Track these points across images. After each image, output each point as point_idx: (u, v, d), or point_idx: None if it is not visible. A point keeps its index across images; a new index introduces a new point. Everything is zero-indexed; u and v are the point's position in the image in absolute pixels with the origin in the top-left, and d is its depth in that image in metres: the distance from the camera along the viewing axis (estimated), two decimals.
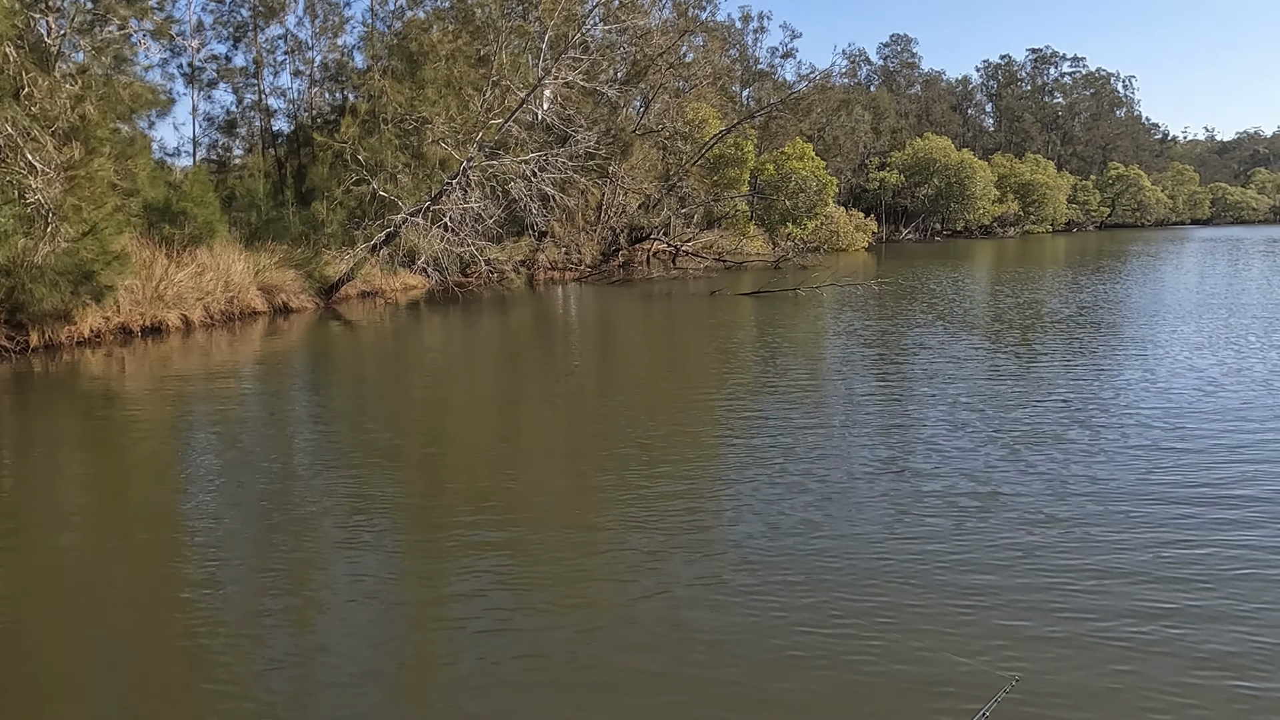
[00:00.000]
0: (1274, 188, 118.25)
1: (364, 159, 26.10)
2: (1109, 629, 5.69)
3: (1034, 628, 5.74)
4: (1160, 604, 6.01)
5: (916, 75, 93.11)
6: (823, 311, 24.37)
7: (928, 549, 7.01)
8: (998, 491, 8.35)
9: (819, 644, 5.61)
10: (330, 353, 19.38)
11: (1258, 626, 5.68)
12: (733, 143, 44.80)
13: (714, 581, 6.56)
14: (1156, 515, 7.66)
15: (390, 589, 6.70)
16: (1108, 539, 7.15)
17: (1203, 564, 6.64)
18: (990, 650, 5.47)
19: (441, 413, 13.25)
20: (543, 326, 24.26)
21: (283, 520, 8.14)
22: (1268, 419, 10.90)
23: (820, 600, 6.19)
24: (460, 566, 7.06)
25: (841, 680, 5.22)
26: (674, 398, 13.57)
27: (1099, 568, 6.61)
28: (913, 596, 6.21)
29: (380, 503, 8.62)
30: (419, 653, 5.77)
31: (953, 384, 13.59)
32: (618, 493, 8.80)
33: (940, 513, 7.82)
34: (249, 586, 6.75)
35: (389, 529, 7.92)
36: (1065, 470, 8.96)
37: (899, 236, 72.17)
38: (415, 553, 7.42)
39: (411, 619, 6.22)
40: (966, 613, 5.95)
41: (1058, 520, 7.57)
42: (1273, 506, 7.81)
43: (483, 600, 6.42)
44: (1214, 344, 16.87)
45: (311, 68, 34.84)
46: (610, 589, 6.53)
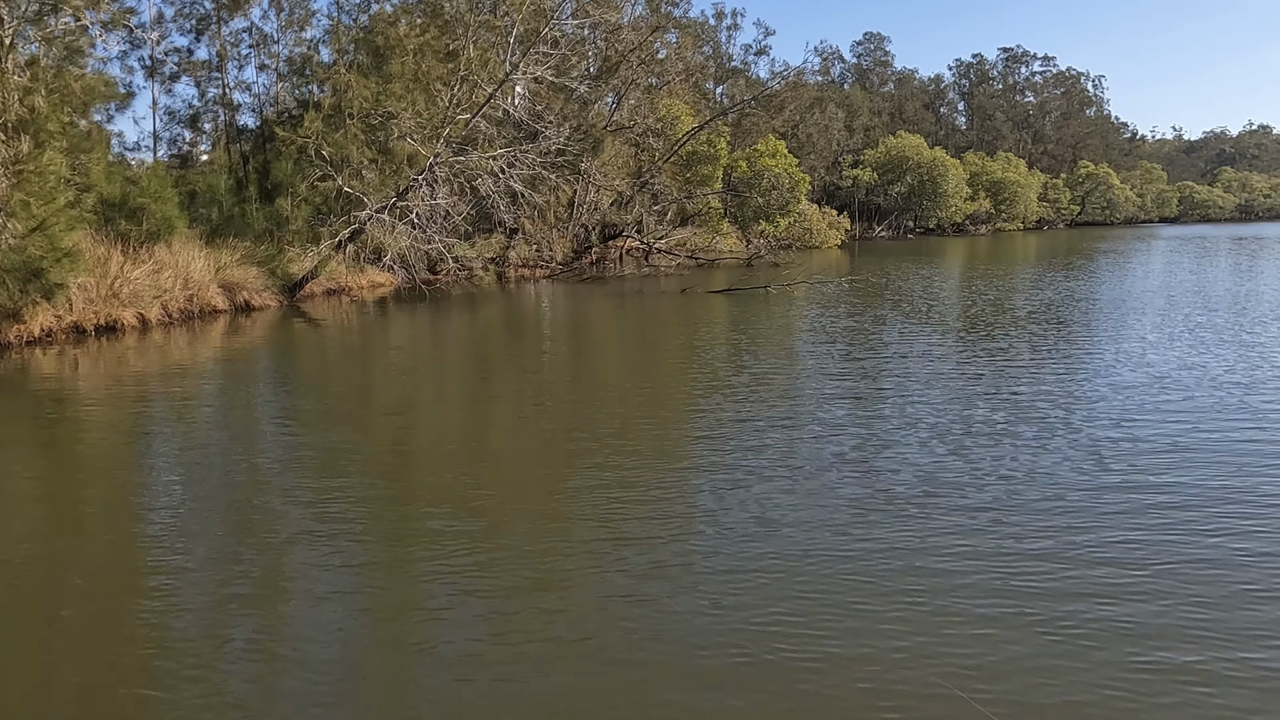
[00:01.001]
0: (1239, 186, 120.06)
1: (328, 154, 25.65)
2: (1059, 634, 5.57)
3: (990, 635, 5.60)
4: (1108, 598, 5.92)
5: (890, 73, 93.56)
6: (792, 309, 24.28)
7: (882, 551, 6.88)
8: (954, 491, 8.25)
9: (775, 653, 5.45)
10: (293, 351, 18.99)
11: (1222, 631, 5.59)
12: (706, 140, 44.66)
13: (673, 588, 6.39)
14: (1104, 513, 7.61)
15: (355, 590, 6.55)
16: (1055, 538, 7.07)
17: (1158, 563, 6.56)
18: (947, 662, 5.33)
19: (408, 412, 12.97)
20: (511, 325, 23.99)
21: (244, 523, 7.92)
22: (1217, 415, 10.90)
23: (776, 609, 6.03)
24: (427, 566, 6.92)
25: (793, 693, 5.06)
26: (639, 396, 13.38)
27: (1049, 570, 6.50)
28: (868, 603, 6.07)
29: (345, 503, 8.39)
30: (385, 652, 5.61)
31: (915, 382, 13.51)
32: (581, 494, 8.64)
33: (895, 515, 7.71)
34: (210, 590, 6.54)
35: (354, 530, 7.70)
36: (1019, 469, 8.90)
37: (872, 234, 72.45)
38: (381, 553, 7.20)
39: (377, 619, 6.05)
40: (921, 620, 5.81)
41: (1007, 520, 7.48)
42: (1224, 504, 7.77)
43: (450, 600, 6.28)
44: (1173, 341, 16.94)
45: (277, 61, 34.27)
46: (568, 594, 6.35)
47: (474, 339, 21.27)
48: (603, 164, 38.11)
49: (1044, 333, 18.65)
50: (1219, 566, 6.58)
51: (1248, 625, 5.70)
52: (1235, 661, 5.27)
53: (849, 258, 48.55)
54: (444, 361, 18.24)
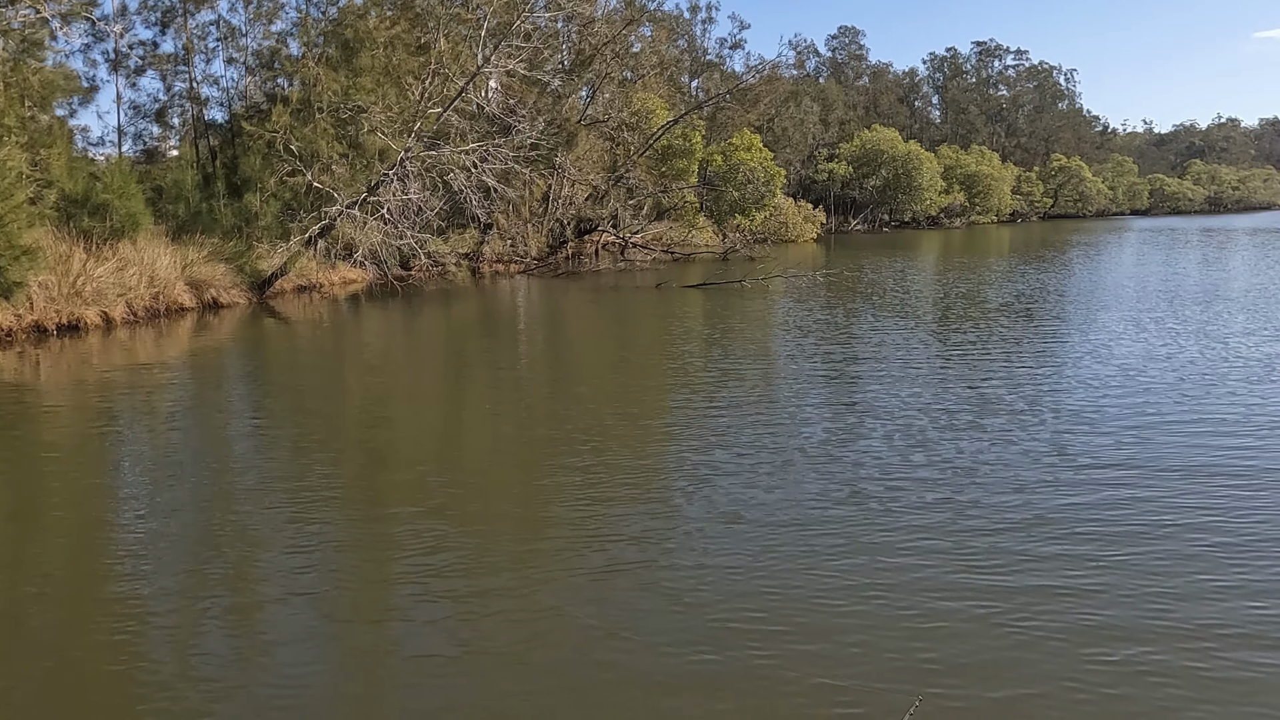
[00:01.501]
0: (1209, 179, 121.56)
1: (297, 149, 25.28)
2: (1017, 629, 5.56)
3: (948, 629, 5.58)
4: (1068, 592, 5.92)
5: (864, 67, 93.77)
6: (767, 303, 24.27)
7: (844, 546, 6.88)
8: (917, 486, 8.26)
9: (733, 649, 5.41)
10: (263, 350, 18.73)
11: (1182, 625, 5.59)
12: (680, 134, 44.51)
13: (635, 585, 6.35)
14: (1064, 508, 7.64)
15: (323, 589, 6.48)
16: (1016, 533, 7.07)
17: (1117, 558, 6.57)
18: (906, 658, 5.30)
19: (379, 410, 12.79)
20: (485, 321, 23.80)
21: (213, 523, 7.80)
22: (1181, 409, 10.98)
23: (737, 605, 6.00)
24: (395, 566, 6.86)
25: (750, 690, 5.01)
26: (610, 392, 13.30)
27: (1010, 565, 6.50)
28: (828, 600, 6.04)
29: (316, 502, 8.27)
30: (349, 651, 5.55)
31: (884, 377, 13.53)
32: (550, 492, 8.60)
33: (858, 510, 7.71)
34: (179, 591, 6.43)
35: (323, 529, 7.60)
36: (981, 463, 8.93)
37: (848, 227, 72.66)
38: (349, 552, 7.12)
39: (342, 619, 5.97)
40: (879, 615, 5.80)
41: (968, 515, 7.49)
42: (1185, 499, 7.80)
43: (416, 599, 6.24)
44: (1140, 334, 17.08)
45: (245, 55, 33.75)
46: (530, 594, 6.28)
47: (447, 335, 21.08)
48: (577, 158, 37.90)
49: (1014, 326, 18.74)
50: (1177, 559, 6.63)
51: (1205, 619, 5.72)
52: (1193, 654, 5.30)
53: (825, 251, 48.66)
54: (417, 358, 18.06)
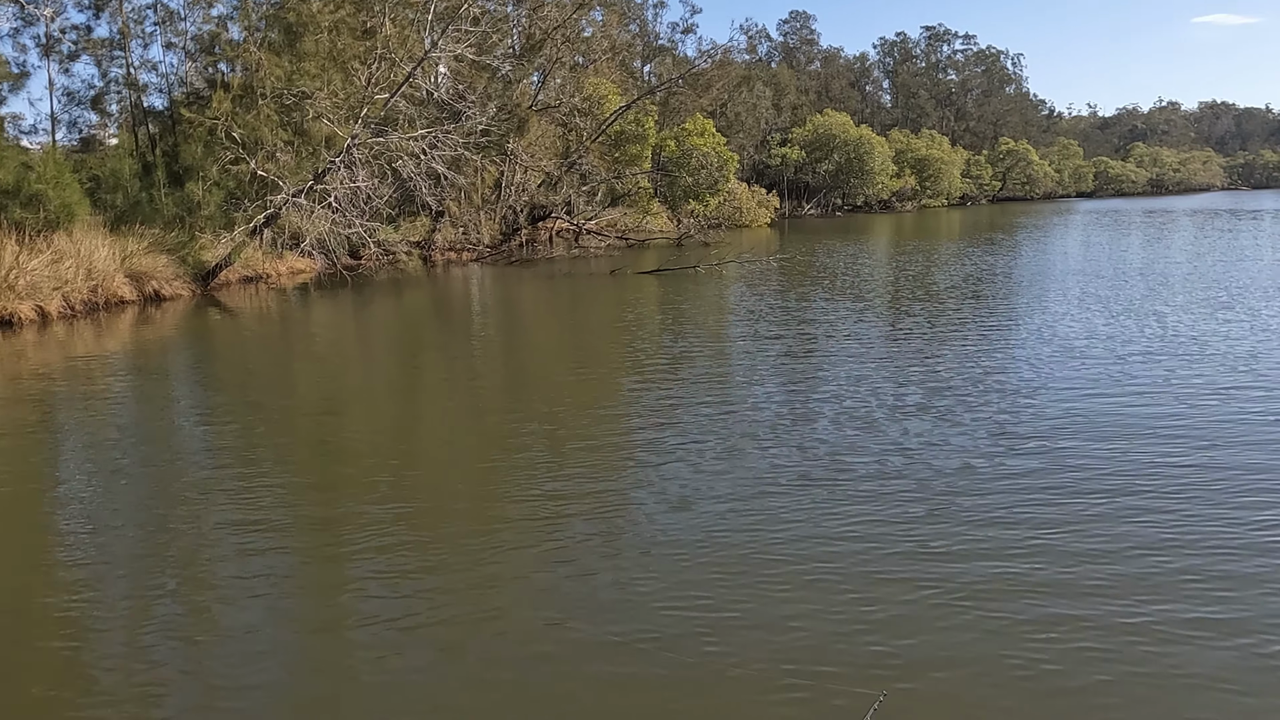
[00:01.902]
0: (1151, 161, 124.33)
1: (239, 136, 24.66)
2: (953, 600, 5.62)
3: (907, 621, 5.62)
4: (1003, 558, 6.01)
5: (816, 52, 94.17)
6: (721, 288, 24.31)
7: (790, 527, 6.91)
8: (862, 465, 8.32)
9: (687, 649, 5.38)
10: (209, 342, 18.28)
11: (1118, 584, 5.70)
12: (633, 119, 44.30)
13: (580, 571, 6.30)
14: (1004, 481, 7.76)
15: (281, 591, 6.35)
16: (956, 506, 7.17)
17: (1054, 527, 6.68)
18: (867, 654, 5.32)
19: (330, 402, 12.55)
20: (436, 310, 23.51)
21: (160, 522, 7.60)
22: (1119, 384, 11.22)
23: (683, 587, 5.98)
24: (352, 556, 6.77)
25: (707, 688, 4.99)
26: (561, 380, 13.21)
27: (950, 537, 6.58)
28: (782, 592, 6.04)
29: (265, 498, 8.09)
30: (314, 656, 5.45)
31: (834, 359, 13.63)
32: (502, 481, 8.53)
33: (804, 490, 7.75)
34: (124, 596, 6.25)
35: (273, 524, 7.45)
36: (926, 441, 9.04)
37: (801, 212, 73.07)
38: (307, 554, 6.97)
39: (304, 623, 5.87)
40: (837, 610, 5.81)
41: (910, 492, 7.57)
42: (1123, 468, 7.97)
43: (374, 587, 6.19)
44: (1083, 313, 17.44)
45: (185, 39, 32.84)
46: (480, 587, 6.20)
47: (399, 325, 20.78)
48: (529, 144, 37.54)
49: (962, 308, 19.00)
50: (1112, 522, 6.80)
51: (1140, 577, 5.84)
52: (1130, 611, 5.41)
53: (779, 236, 48.89)
54: (367, 349, 17.77)
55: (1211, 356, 12.95)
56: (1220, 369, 12.12)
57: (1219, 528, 6.79)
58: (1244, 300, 18.76)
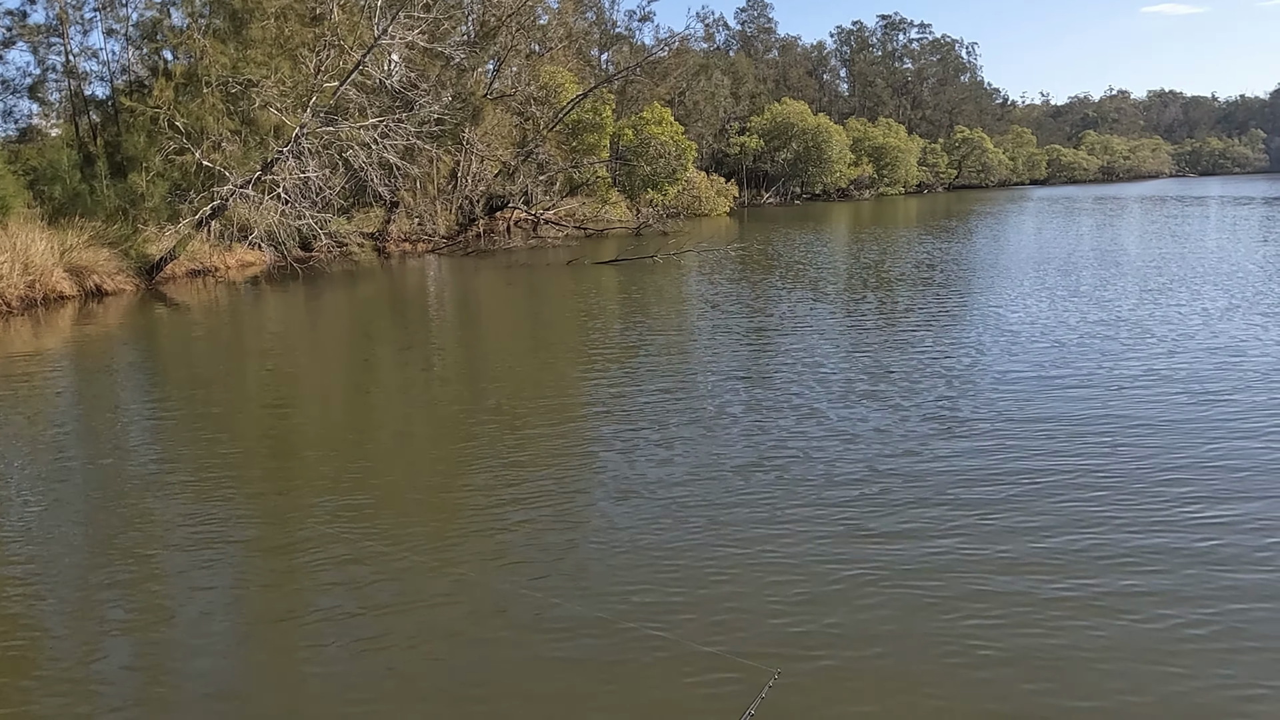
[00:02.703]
0: (1102, 149, 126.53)
1: (183, 125, 24.02)
2: (877, 600, 5.62)
3: (827, 599, 5.61)
4: (942, 535, 6.04)
5: (773, 40, 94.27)
6: (677, 278, 24.24)
7: (735, 519, 6.89)
8: (806, 455, 8.32)
9: (620, 630, 5.33)
10: (154, 338, 17.82)
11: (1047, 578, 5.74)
12: (590, 108, 43.99)
13: (529, 576, 6.20)
14: (943, 470, 7.81)
15: (228, 585, 6.27)
16: (900, 498, 7.19)
17: (990, 509, 6.72)
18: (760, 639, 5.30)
19: (281, 397, 12.25)
20: (389, 301, 23.16)
21: (109, 525, 7.40)
22: (1057, 370, 11.37)
23: (627, 585, 5.93)
24: (304, 551, 6.68)
25: (617, 673, 4.95)
26: (512, 375, 13.07)
27: (892, 530, 6.59)
28: (719, 574, 6.02)
29: (218, 497, 7.91)
30: (269, 663, 5.33)
31: (785, 349, 13.64)
32: (459, 472, 8.39)
33: (745, 481, 7.76)
34: (71, 603, 6.07)
35: (226, 524, 7.28)
36: (870, 428, 9.08)
37: (760, 201, 73.25)
38: (258, 547, 6.83)
39: (255, 614, 5.79)
40: (764, 590, 5.79)
41: (858, 481, 7.59)
42: (1060, 451, 8.06)
43: (336, 602, 6.02)
44: (1030, 300, 17.66)
45: (126, 26, 31.92)
46: (437, 579, 6.10)
47: (351, 318, 20.43)
48: (484, 133, 37.11)
49: (915, 296, 19.13)
50: (1036, 501, 6.88)
51: (1053, 553, 5.89)
52: (1040, 586, 5.43)
53: (738, 224, 48.95)
54: (319, 342, 17.43)
55: (1148, 341, 13.16)
56: (1156, 353, 12.33)
57: (1136, 506, 6.89)
58: (1184, 285, 19.12)
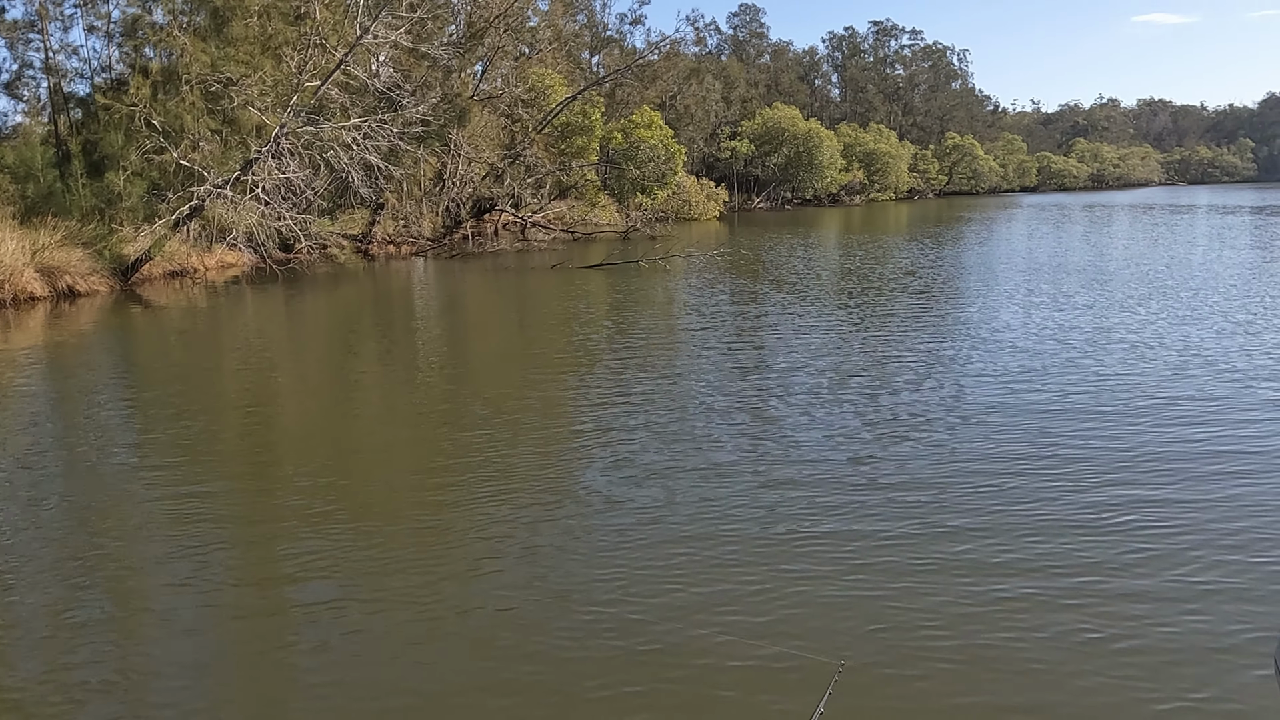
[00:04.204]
0: (1092, 157, 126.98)
1: (160, 124, 23.59)
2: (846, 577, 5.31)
3: (858, 603, 5.28)
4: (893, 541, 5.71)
5: (765, 45, 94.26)
6: (663, 283, 23.94)
7: (727, 520, 6.62)
8: (774, 463, 8.01)
9: (652, 638, 5.14)
10: (127, 339, 17.42)
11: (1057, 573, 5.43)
12: (580, 110, 43.68)
13: (528, 571, 5.86)
14: (937, 468, 7.53)
15: (212, 589, 6.10)
16: (888, 503, 6.90)
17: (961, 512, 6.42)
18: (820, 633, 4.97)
19: (260, 401, 11.84)
20: (372, 304, 22.77)
21: (86, 528, 7.18)
22: (1060, 375, 11.11)
23: (645, 593, 5.72)
24: (290, 557, 6.51)
25: (673, 677, 4.77)
26: (492, 382, 12.73)
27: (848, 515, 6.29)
28: (732, 584, 5.76)
29: (195, 503, 7.66)
30: (249, 647, 5.21)
31: (762, 355, 13.35)
32: (446, 476, 8.12)
33: (736, 484, 7.56)
34: (47, 612, 5.84)
35: (208, 532, 7.05)
36: (844, 434, 8.78)
37: (750, 205, 73.12)
38: (239, 550, 6.63)
39: (238, 618, 5.59)
40: (788, 595, 5.49)
41: (853, 484, 7.29)
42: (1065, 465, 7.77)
43: (315, 591, 5.94)
44: (1019, 309, 17.44)
45: (108, 23, 31.48)
46: (434, 585, 5.77)
47: (332, 323, 20.04)
48: (471, 135, 36.75)
49: (906, 303, 18.87)
50: (1010, 500, 6.56)
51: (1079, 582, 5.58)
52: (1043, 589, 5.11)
53: (727, 229, 48.72)
54: (300, 345, 17.04)
55: (1123, 347, 12.93)
56: (1131, 359, 12.10)
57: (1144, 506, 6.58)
58: (1168, 295, 18.91)
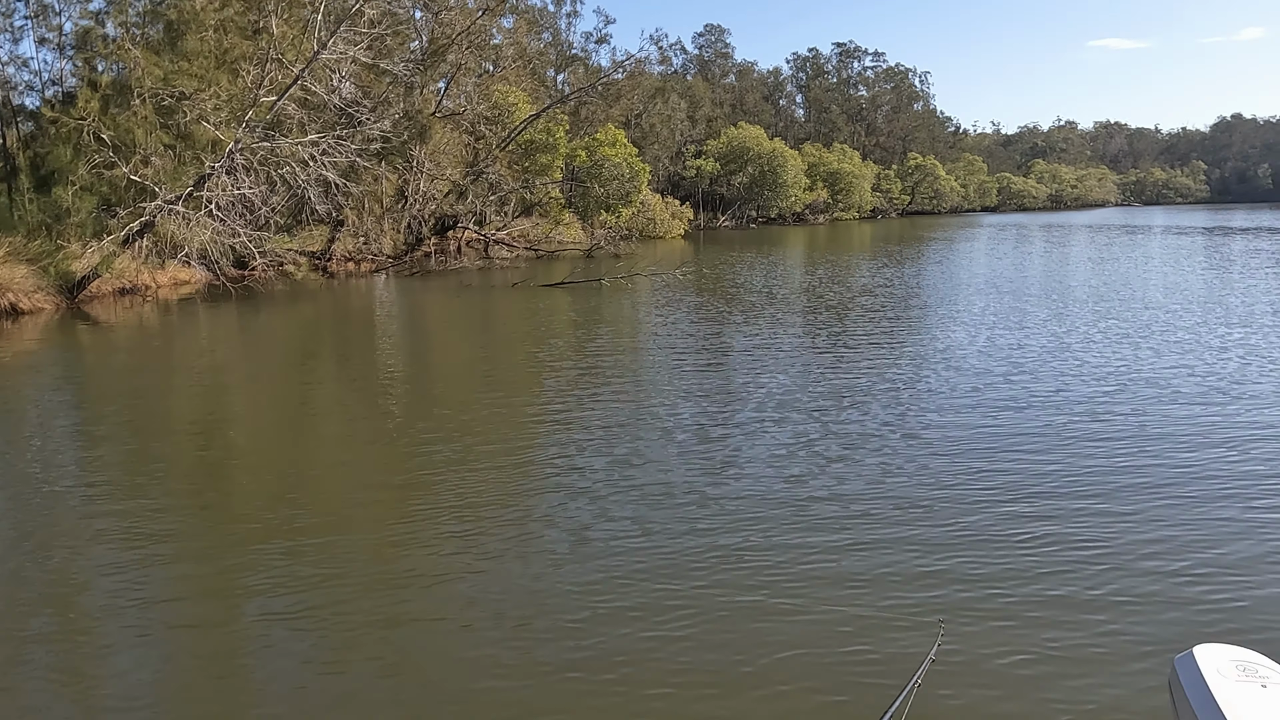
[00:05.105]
0: (1050, 178, 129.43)
1: (109, 138, 23.08)
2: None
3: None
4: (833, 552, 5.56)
5: (730, 65, 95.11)
6: (623, 302, 23.80)
7: (662, 562, 6.38)
8: (729, 481, 7.86)
9: (594, 652, 4.76)
10: (72, 358, 16.90)
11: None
12: (544, 128, 43.60)
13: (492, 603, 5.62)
14: (886, 482, 7.39)
15: (164, 614, 5.89)
16: (809, 511, 6.76)
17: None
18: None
19: (212, 423, 11.45)
20: (321, 323, 22.36)
21: (33, 552, 6.96)
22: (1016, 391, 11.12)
23: (595, 601, 5.35)
24: (249, 587, 6.26)
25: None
26: (443, 398, 12.46)
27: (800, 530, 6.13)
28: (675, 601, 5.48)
29: (143, 529, 7.38)
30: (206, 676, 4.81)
31: (722, 375, 13.22)
32: (402, 499, 7.75)
33: (686, 507, 7.27)
34: None
35: (157, 556, 6.82)
36: (795, 456, 8.66)
37: (716, 224, 73.46)
38: (190, 582, 6.33)
39: (187, 650, 5.34)
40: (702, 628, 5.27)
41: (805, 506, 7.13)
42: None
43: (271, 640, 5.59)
44: (976, 330, 17.54)
45: (59, 35, 30.96)
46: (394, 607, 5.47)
47: (287, 341, 19.62)
48: (434, 152, 36.49)
49: (867, 323, 18.89)
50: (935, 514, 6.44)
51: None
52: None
53: (692, 248, 48.79)
54: (252, 365, 16.60)
55: (1066, 367, 13.01)
56: (1071, 378, 12.15)
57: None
58: (1115, 316, 19.15)
